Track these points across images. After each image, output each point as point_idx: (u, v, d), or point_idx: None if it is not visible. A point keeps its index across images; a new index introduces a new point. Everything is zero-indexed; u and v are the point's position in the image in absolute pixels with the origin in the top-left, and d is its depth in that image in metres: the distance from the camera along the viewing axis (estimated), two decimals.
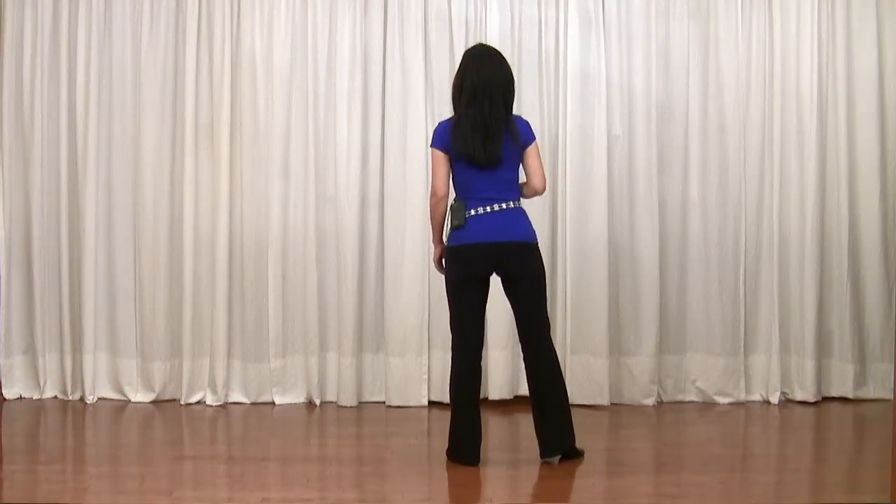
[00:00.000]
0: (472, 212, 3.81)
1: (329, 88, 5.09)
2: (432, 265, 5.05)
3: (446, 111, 5.06)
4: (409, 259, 5.05)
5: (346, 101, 5.06)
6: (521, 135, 3.85)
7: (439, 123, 3.95)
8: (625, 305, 5.11)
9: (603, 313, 5.02)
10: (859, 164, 5.19)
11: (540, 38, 5.12)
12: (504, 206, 3.83)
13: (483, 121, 3.78)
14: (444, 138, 3.84)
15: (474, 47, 4.03)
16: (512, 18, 5.11)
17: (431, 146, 3.90)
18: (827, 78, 5.15)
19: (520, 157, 3.88)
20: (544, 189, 3.95)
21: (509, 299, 3.94)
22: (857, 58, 5.18)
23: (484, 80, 3.81)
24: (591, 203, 5.05)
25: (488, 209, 3.81)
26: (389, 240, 5.06)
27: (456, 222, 3.83)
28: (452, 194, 3.94)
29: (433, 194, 3.89)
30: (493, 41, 5.06)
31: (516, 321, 3.95)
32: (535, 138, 3.91)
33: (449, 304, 3.95)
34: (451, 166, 3.87)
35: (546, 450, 3.89)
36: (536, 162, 3.89)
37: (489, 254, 3.81)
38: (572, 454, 3.96)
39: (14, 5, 5.14)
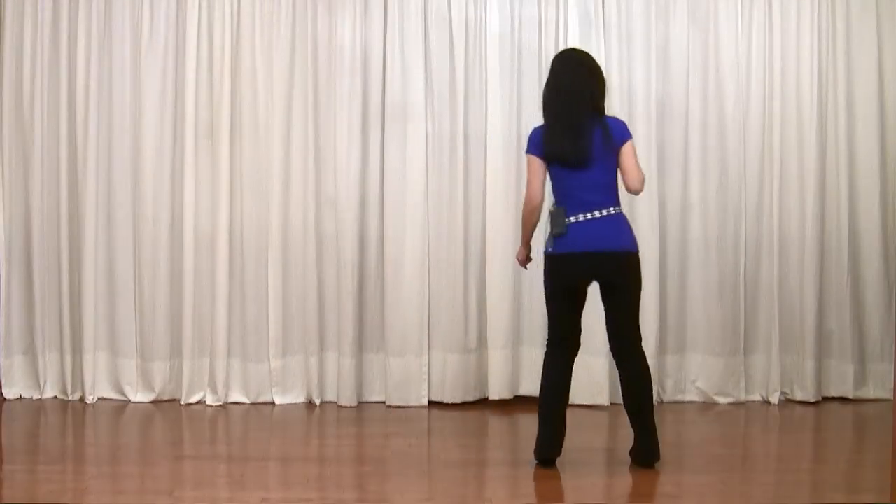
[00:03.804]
0: (573, 218, 3.74)
1: (329, 88, 5.09)
2: (432, 265, 5.09)
3: (447, 111, 5.09)
4: (409, 259, 5.05)
5: (346, 101, 5.06)
6: (613, 135, 3.76)
7: (533, 129, 3.86)
8: None
9: (603, 313, 5.01)
10: (859, 165, 5.20)
11: (540, 38, 5.12)
12: (605, 212, 3.75)
13: (571, 122, 3.75)
14: (539, 143, 3.77)
15: (562, 52, 4.04)
16: (512, 18, 5.12)
17: (527, 152, 3.80)
18: (827, 78, 5.16)
19: (616, 159, 3.79)
20: (641, 189, 3.79)
21: (604, 305, 3.86)
22: (857, 58, 5.18)
23: (570, 83, 3.79)
24: None
25: (589, 216, 3.73)
26: (389, 240, 5.06)
27: (556, 229, 3.74)
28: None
29: (528, 202, 3.80)
30: (493, 41, 5.08)
31: (608, 329, 3.89)
32: (630, 137, 3.79)
33: (547, 306, 3.89)
34: (547, 172, 3.80)
35: (639, 459, 3.84)
36: (631, 161, 3.76)
37: (591, 263, 3.74)
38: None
39: (14, 6, 5.14)
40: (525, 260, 4.02)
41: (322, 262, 5.12)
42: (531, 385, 5.12)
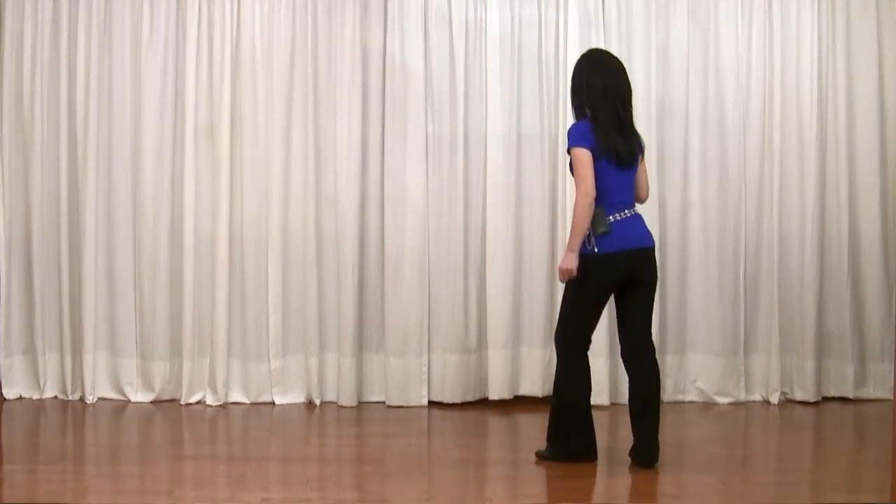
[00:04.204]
0: (611, 217, 3.76)
1: (329, 88, 5.09)
2: (432, 265, 5.08)
3: (447, 111, 5.08)
4: (409, 259, 5.05)
5: (346, 101, 5.06)
6: (641, 141, 3.90)
7: (574, 125, 3.83)
8: None
9: (603, 313, 5.01)
10: (859, 164, 5.20)
11: (540, 38, 5.12)
12: (633, 211, 3.84)
13: (621, 121, 3.78)
14: (590, 137, 3.73)
15: (595, 52, 4.05)
16: (512, 18, 5.11)
17: (576, 146, 3.73)
18: (827, 78, 5.15)
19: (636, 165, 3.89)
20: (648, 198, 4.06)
21: (622, 303, 3.87)
22: (857, 58, 5.18)
23: (613, 83, 3.81)
24: None
25: (623, 214, 3.79)
26: (389, 240, 5.06)
27: (602, 229, 3.73)
28: None
29: (587, 195, 3.69)
30: (493, 41, 5.08)
31: (624, 327, 3.90)
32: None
33: (576, 307, 3.86)
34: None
35: (640, 459, 3.84)
36: (645, 171, 3.98)
37: (632, 260, 3.78)
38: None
39: (14, 5, 5.14)
40: (572, 270, 3.78)
41: (322, 261, 5.12)
42: (531, 385, 5.12)
